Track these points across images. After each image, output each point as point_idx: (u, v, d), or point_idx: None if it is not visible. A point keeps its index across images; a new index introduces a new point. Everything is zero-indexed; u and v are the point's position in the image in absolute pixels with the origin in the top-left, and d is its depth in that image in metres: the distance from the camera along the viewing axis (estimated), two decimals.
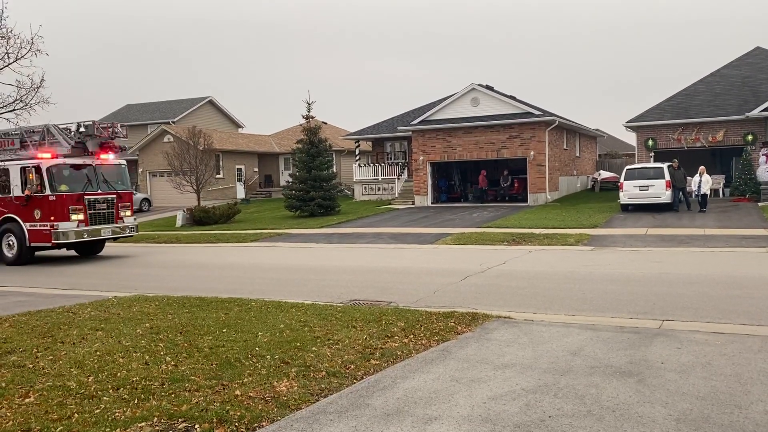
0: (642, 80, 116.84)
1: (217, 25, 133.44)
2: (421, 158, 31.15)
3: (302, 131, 29.83)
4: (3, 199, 16.81)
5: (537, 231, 18.62)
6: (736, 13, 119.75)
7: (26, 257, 16.69)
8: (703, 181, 22.43)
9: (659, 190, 22.62)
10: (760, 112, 26.11)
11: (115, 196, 17.30)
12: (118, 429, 4.60)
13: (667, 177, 22.63)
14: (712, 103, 29.09)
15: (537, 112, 29.25)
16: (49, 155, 16.21)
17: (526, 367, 5.78)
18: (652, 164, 24.90)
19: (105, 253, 18.94)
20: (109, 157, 17.37)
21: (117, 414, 4.89)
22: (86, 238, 16.59)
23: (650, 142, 29.12)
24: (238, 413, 4.79)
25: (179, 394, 5.31)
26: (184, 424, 4.67)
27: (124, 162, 18.23)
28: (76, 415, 4.91)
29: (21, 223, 16.40)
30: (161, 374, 5.86)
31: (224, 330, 7.56)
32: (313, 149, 29.07)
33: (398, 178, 34.93)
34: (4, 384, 5.76)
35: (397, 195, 34.02)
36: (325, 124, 44.56)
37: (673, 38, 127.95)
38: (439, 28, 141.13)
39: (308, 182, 28.40)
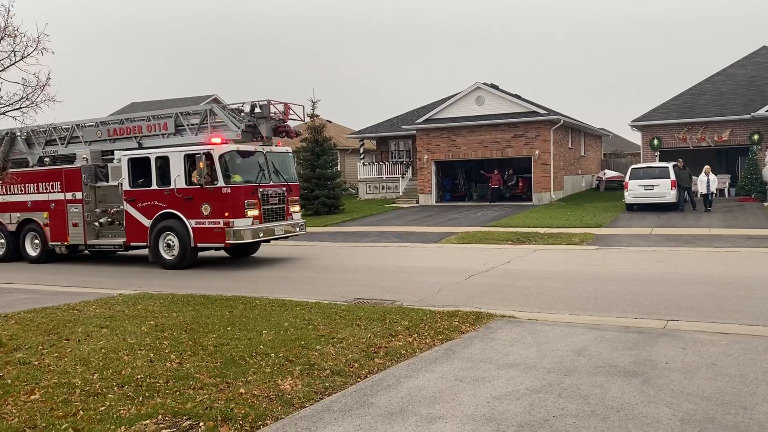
0: (648, 79, 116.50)
1: (220, 23, 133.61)
2: (426, 157, 31.12)
3: (306, 130, 29.88)
4: (160, 192, 14.32)
5: (541, 230, 18.59)
6: (743, 11, 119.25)
7: (190, 259, 14.23)
8: (709, 181, 22.38)
9: (664, 190, 22.56)
10: (766, 111, 25.99)
11: (285, 188, 14.86)
12: (123, 426, 4.61)
13: (673, 176, 22.57)
14: (717, 103, 28.99)
15: (542, 111, 29.19)
16: (219, 140, 13.86)
17: (530, 366, 5.77)
18: (657, 164, 24.84)
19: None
20: (277, 144, 15.02)
21: (122, 411, 4.91)
22: (261, 238, 14.16)
23: (655, 142, 29.02)
24: (243, 411, 4.80)
25: (184, 391, 5.33)
26: (188, 422, 4.68)
27: (290, 149, 15.78)
28: (81, 412, 4.93)
29: (184, 220, 13.93)
30: (166, 372, 5.88)
31: (229, 328, 7.58)
32: (318, 148, 29.12)
33: (402, 177, 34.92)
34: (9, 381, 5.79)
35: (401, 194, 34.02)
36: (330, 122, 44.56)
37: (679, 37, 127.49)
38: (444, 26, 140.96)
39: (312, 181, 28.45)
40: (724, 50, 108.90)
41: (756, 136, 26.91)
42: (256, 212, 13.89)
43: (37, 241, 16.67)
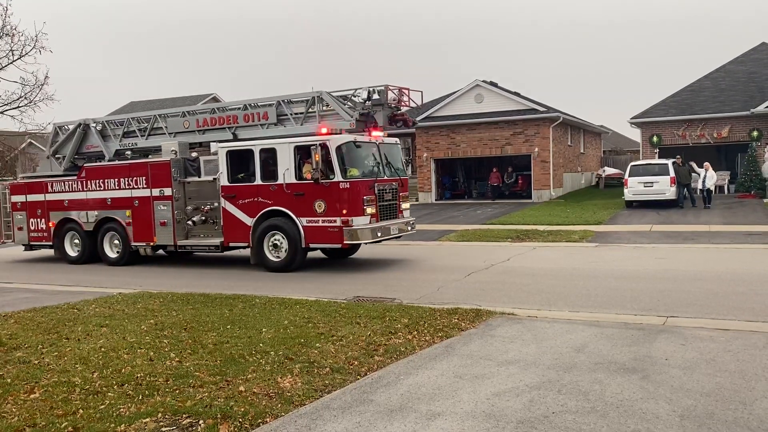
0: (647, 76, 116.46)
1: (220, 23, 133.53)
2: (425, 155, 31.12)
3: None
4: (265, 188, 12.98)
5: (541, 228, 18.59)
6: (742, 8, 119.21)
7: (300, 261, 12.95)
8: (707, 177, 22.37)
9: (664, 187, 22.58)
10: (766, 107, 25.99)
11: (397, 183, 13.58)
12: (123, 424, 4.62)
13: (672, 173, 22.57)
14: (717, 99, 28.98)
15: (541, 109, 29.17)
16: (339, 131, 12.78)
17: (530, 363, 5.78)
18: (656, 161, 24.86)
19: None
20: (381, 134, 13.48)
21: (122, 410, 4.91)
22: (379, 238, 12.76)
23: (655, 139, 29.02)
24: (242, 409, 4.81)
25: (183, 390, 5.33)
26: (188, 420, 4.69)
27: (399, 140, 14.30)
28: (81, 410, 4.93)
29: (294, 218, 12.64)
30: (166, 370, 5.88)
31: (228, 326, 7.58)
32: None
33: None
34: (9, 380, 5.79)
35: None
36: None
37: (678, 34, 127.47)
38: (443, 24, 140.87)
39: None
40: (723, 47, 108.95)
41: (755, 133, 26.90)
42: (373, 210, 12.65)
43: (117, 242, 15.27)
